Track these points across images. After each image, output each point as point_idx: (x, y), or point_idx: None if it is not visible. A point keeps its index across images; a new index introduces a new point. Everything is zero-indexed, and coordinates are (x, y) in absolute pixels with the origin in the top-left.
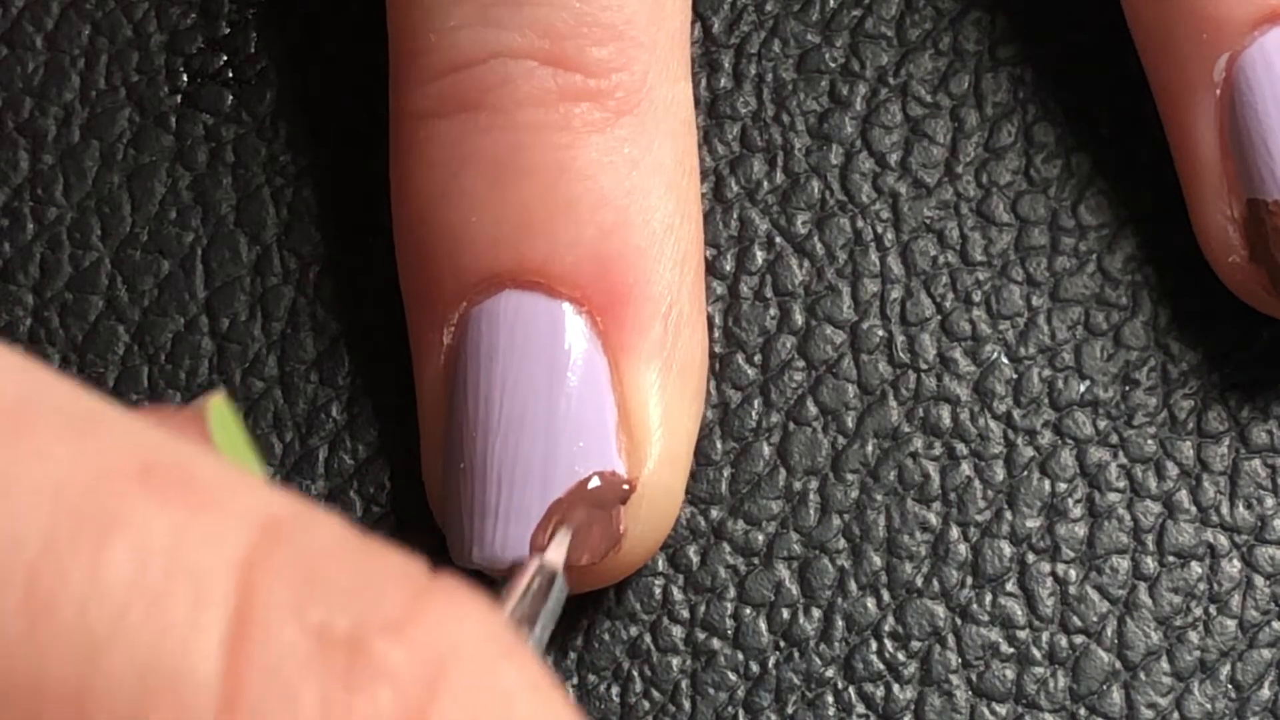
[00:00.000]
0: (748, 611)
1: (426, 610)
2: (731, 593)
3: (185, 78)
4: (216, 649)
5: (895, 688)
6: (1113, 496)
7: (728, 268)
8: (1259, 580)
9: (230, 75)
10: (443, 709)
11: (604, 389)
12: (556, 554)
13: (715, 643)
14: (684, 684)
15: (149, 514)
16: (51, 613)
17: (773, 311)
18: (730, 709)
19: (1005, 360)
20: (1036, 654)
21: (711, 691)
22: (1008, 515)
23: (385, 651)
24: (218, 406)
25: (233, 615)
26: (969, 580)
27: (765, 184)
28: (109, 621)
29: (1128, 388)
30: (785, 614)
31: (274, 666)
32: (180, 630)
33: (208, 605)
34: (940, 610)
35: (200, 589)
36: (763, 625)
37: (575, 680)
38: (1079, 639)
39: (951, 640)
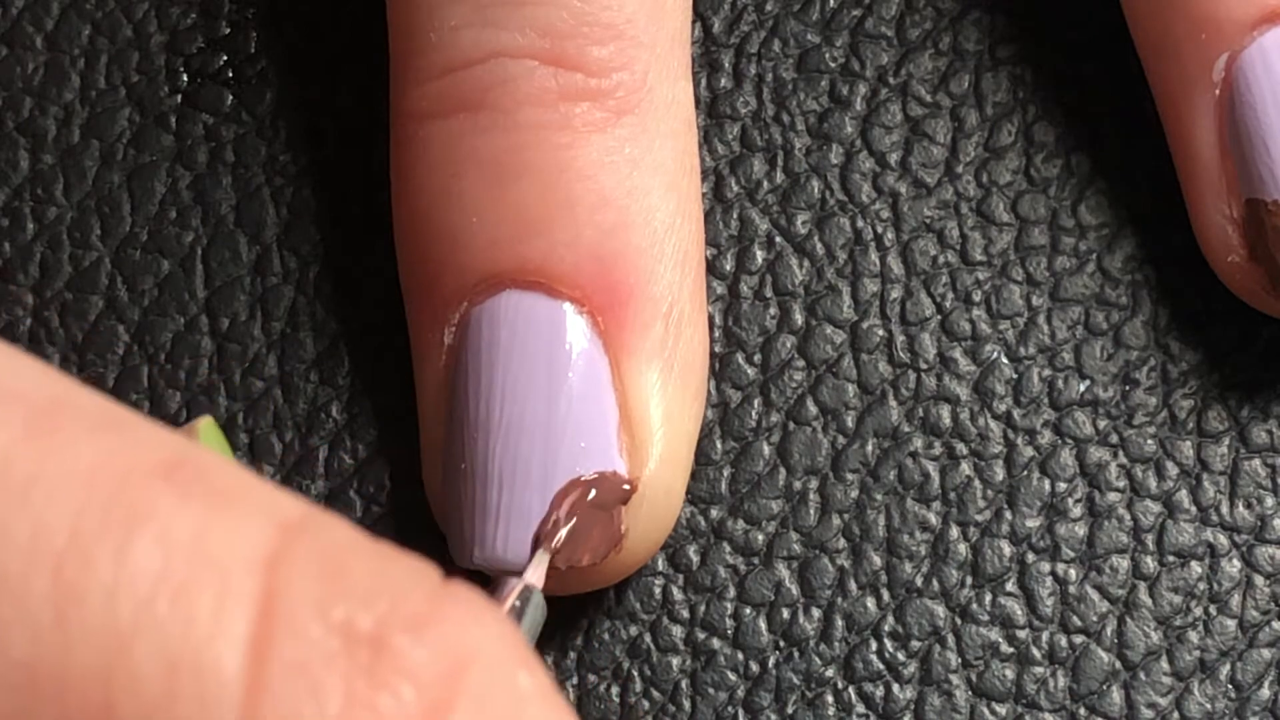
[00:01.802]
0: (748, 611)
1: (445, 611)
2: (731, 592)
3: (185, 78)
4: (241, 643)
5: (895, 688)
6: (1113, 496)
7: (728, 268)
8: (1259, 580)
9: (230, 75)
10: (463, 707)
11: (605, 389)
12: (535, 574)
13: (715, 643)
14: (684, 684)
15: (174, 508)
16: (79, 602)
17: (773, 311)
18: (730, 709)
19: (1005, 360)
20: (1036, 654)
21: (711, 691)
22: (1008, 515)
23: (408, 649)
24: (207, 428)
25: (257, 610)
26: (969, 580)
27: (765, 184)
28: (135, 613)
29: (1128, 387)
30: (785, 614)
31: (298, 661)
32: (205, 623)
33: (233, 599)
34: (940, 610)
35: (225, 583)
36: (763, 625)
37: (575, 680)
38: (1079, 639)
39: (951, 640)
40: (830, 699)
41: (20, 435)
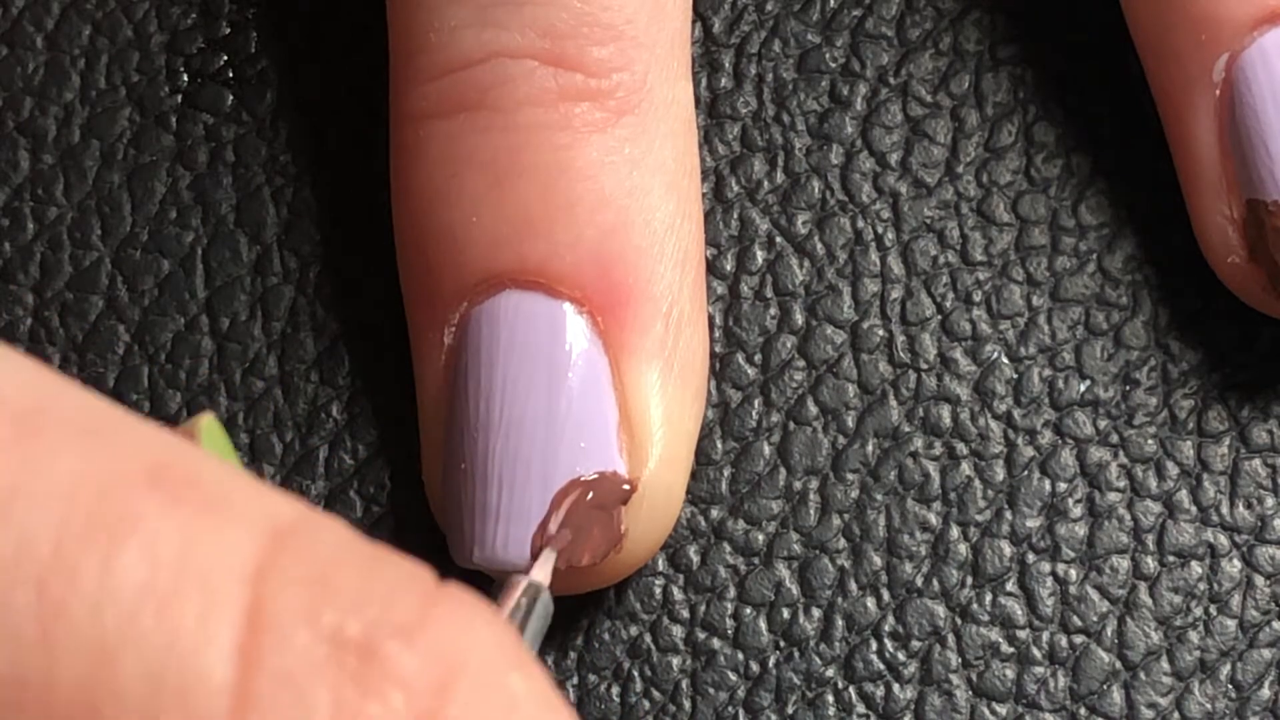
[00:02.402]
0: (748, 611)
1: (437, 616)
2: (731, 593)
3: (185, 78)
4: (228, 653)
5: (895, 688)
6: (1113, 496)
7: (728, 268)
8: (1259, 580)
9: (230, 75)
10: (453, 714)
11: (605, 389)
12: (542, 572)
13: (715, 643)
14: (684, 684)
15: (160, 517)
16: (63, 616)
17: (773, 311)
18: (730, 709)
19: (1005, 360)
20: (1036, 654)
21: (711, 691)
22: (1008, 515)
23: (397, 655)
24: (209, 426)
25: (244, 619)
26: (969, 580)
27: (765, 184)
28: (120, 625)
29: (1128, 387)
30: (785, 614)
31: (286, 670)
32: (191, 634)
33: (219, 608)
34: (940, 610)
35: (212, 592)
36: (763, 625)
37: (575, 680)
38: (1079, 639)
39: (951, 640)
40: (830, 699)
41: (2, 443)
